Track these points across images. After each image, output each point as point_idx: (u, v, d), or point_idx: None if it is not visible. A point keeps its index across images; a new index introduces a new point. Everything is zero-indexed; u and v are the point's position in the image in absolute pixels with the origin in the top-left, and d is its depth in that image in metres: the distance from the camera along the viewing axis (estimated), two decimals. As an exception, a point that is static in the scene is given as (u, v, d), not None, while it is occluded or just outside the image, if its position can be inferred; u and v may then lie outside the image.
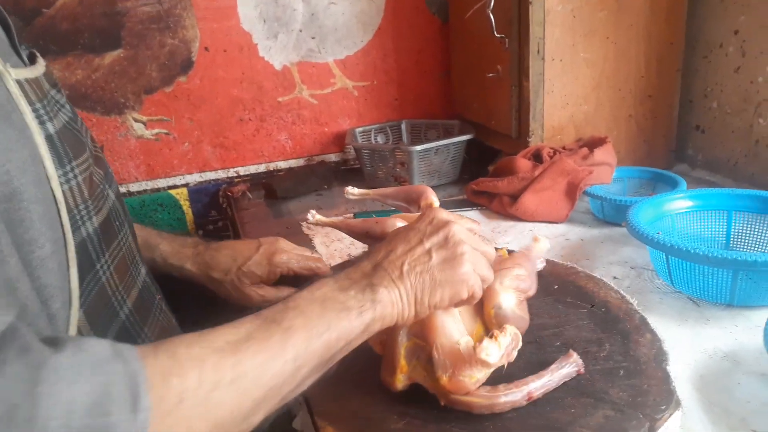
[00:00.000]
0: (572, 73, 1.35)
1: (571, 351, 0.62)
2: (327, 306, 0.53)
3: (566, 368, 0.61)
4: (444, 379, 0.57)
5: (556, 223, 1.25)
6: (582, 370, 0.61)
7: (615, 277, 1.00)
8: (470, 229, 0.62)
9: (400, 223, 0.75)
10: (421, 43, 1.71)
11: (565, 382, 0.61)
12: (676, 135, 1.49)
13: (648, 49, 1.38)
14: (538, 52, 1.30)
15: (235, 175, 1.68)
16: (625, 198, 1.16)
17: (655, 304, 0.92)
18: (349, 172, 1.70)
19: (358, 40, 1.66)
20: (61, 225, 0.53)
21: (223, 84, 1.59)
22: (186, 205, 1.66)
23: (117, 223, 0.68)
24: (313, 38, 1.62)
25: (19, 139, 0.49)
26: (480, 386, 0.58)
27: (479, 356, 0.54)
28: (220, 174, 1.67)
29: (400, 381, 0.61)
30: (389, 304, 0.55)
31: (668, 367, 0.62)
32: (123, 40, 1.49)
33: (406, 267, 0.56)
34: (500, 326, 0.57)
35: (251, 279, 0.87)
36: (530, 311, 0.75)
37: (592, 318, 0.72)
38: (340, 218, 0.91)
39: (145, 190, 1.62)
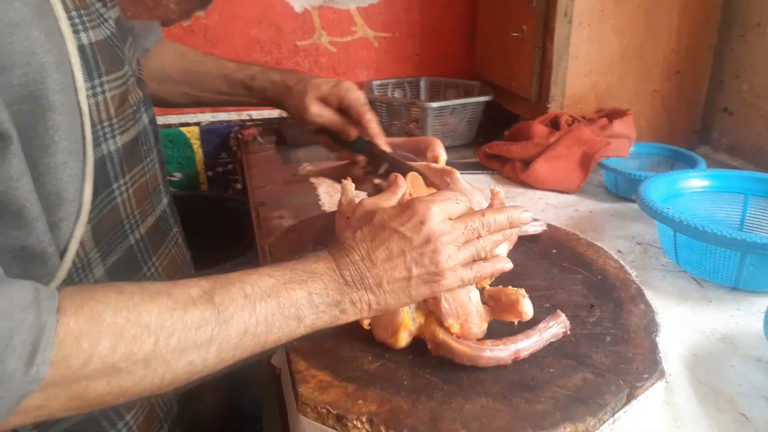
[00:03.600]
0: (599, 40, 1.30)
1: (558, 311, 0.60)
2: (282, 308, 0.50)
3: (553, 328, 0.59)
4: (456, 327, 0.57)
5: (568, 193, 1.21)
6: (568, 331, 0.59)
7: (619, 251, 0.98)
8: (463, 216, 0.57)
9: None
10: (447, -1, 1.66)
11: (549, 343, 0.59)
12: (701, 115, 1.44)
13: (681, 23, 1.32)
14: (566, 14, 1.25)
15: (248, 118, 1.65)
16: (640, 173, 1.12)
17: (656, 281, 0.89)
18: (362, 125, 1.67)
19: (383, -11, 1.61)
20: (83, 137, 0.53)
21: (241, 22, 1.55)
22: (197, 144, 1.65)
23: (145, 147, 0.68)
24: (336, -18, 1.58)
25: (45, 44, 0.48)
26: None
27: (521, 310, 0.57)
28: (233, 116, 1.64)
29: (403, 339, 0.59)
30: (352, 315, 0.54)
31: (657, 338, 0.60)
32: (143, -32, 1.46)
33: (386, 284, 0.53)
34: None
35: (316, 92, 0.86)
36: (523, 272, 0.73)
37: (586, 284, 0.70)
38: (329, 165, 0.90)
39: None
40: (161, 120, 1.60)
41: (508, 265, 0.59)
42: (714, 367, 0.70)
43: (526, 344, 0.56)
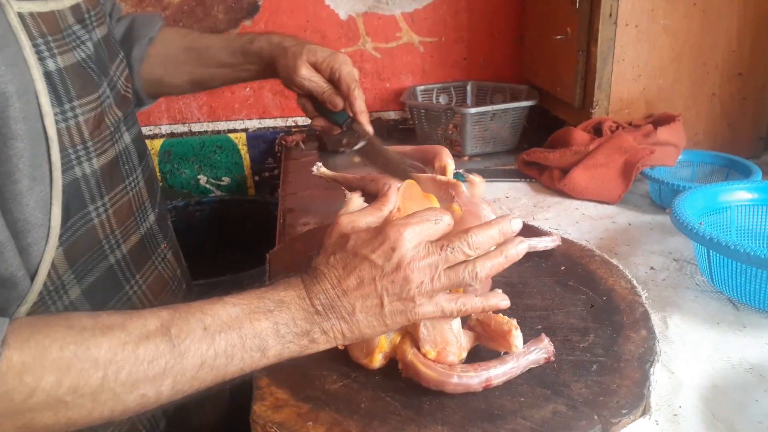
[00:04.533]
0: (648, 42, 1.22)
1: (542, 335, 0.56)
2: (243, 339, 0.49)
3: (534, 354, 0.55)
4: (432, 354, 0.55)
5: (607, 203, 1.15)
6: (552, 357, 0.55)
7: (652, 268, 0.91)
8: (443, 238, 0.53)
9: (394, 183, 0.71)
10: (495, 2, 1.61)
11: (529, 369, 0.55)
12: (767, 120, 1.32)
13: (742, 21, 1.22)
14: (611, 15, 1.18)
15: (293, 124, 1.67)
16: (685, 183, 1.04)
17: (687, 302, 0.82)
18: (405, 132, 1.65)
19: (429, -7, 1.59)
20: (49, 163, 0.53)
21: (287, 30, 1.57)
22: (244, 150, 1.68)
23: (127, 167, 0.68)
24: (381, -12, 1.57)
25: (5, 74, 0.49)
26: (438, 364, 0.55)
27: (511, 342, 0.54)
28: (279, 122, 1.67)
29: (377, 361, 0.58)
30: (324, 343, 0.52)
31: (652, 369, 0.55)
32: (192, -20, 1.50)
33: (358, 314, 0.52)
34: None
35: (310, 57, 0.86)
36: (523, 290, 0.70)
37: (587, 305, 0.65)
38: (342, 173, 0.88)
39: (205, 131, 1.65)
40: (210, 127, 1.65)
41: (504, 303, 0.54)
42: (734, 401, 0.64)
43: (500, 371, 0.53)
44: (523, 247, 0.53)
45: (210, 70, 0.94)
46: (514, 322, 0.55)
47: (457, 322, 0.56)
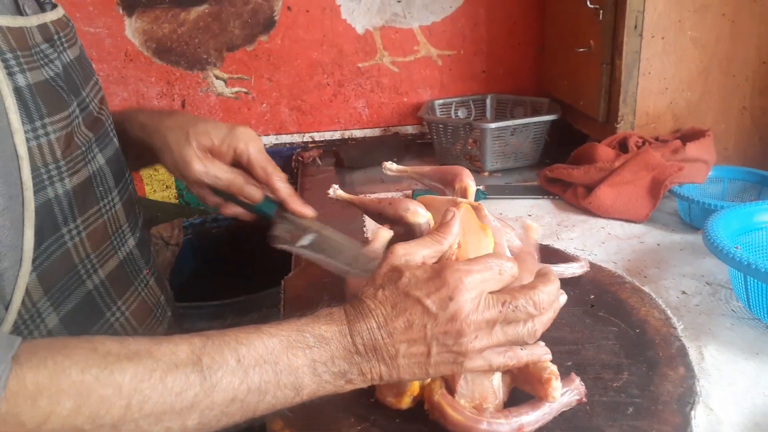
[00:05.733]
0: (675, 54, 1.18)
1: (573, 374, 0.53)
2: (278, 375, 0.46)
3: (565, 397, 0.52)
4: (467, 407, 0.52)
5: (634, 222, 1.11)
6: (584, 398, 0.52)
7: (684, 292, 0.87)
8: (506, 291, 0.50)
9: (412, 207, 0.68)
10: (515, 13, 1.58)
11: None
12: (801, 134, 1.27)
13: (774, 31, 1.18)
14: (636, 27, 1.15)
15: (310, 140, 1.65)
16: (716, 201, 1.00)
17: (723, 330, 0.78)
18: (423, 147, 1.62)
19: (447, 6, 1.56)
20: (21, 182, 0.51)
21: (304, 45, 1.56)
22: (260, 166, 1.66)
23: (101, 188, 0.65)
24: (398, 1, 1.54)
25: None
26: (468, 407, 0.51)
27: (549, 393, 0.49)
28: (296, 138, 1.65)
29: (407, 402, 0.55)
30: (359, 383, 0.49)
31: (692, 413, 0.51)
32: (208, -4, 1.49)
33: (401, 359, 0.48)
34: None
35: (201, 142, 0.69)
36: (552, 322, 0.66)
37: (620, 339, 0.62)
38: (360, 196, 0.84)
39: (222, 147, 1.64)
40: (227, 142, 1.63)
41: (547, 357, 0.51)
42: (779, 442, 0.60)
43: (533, 419, 0.50)
44: (564, 299, 0.51)
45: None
46: (555, 369, 0.51)
47: (498, 376, 0.53)
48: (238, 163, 0.71)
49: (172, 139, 0.69)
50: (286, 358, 0.46)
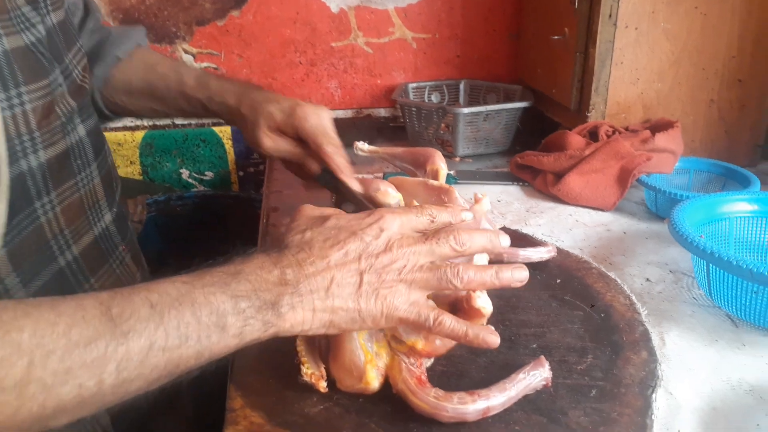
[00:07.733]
0: (648, 45, 1.19)
1: (542, 358, 0.53)
2: (197, 316, 0.43)
3: (534, 379, 0.51)
4: (420, 344, 0.52)
5: (601, 210, 1.12)
6: (549, 383, 0.52)
7: (648, 279, 0.88)
8: (432, 231, 0.52)
9: (383, 187, 0.68)
10: (491, -1, 1.57)
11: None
12: (766, 129, 1.30)
13: (744, 26, 1.19)
14: (610, 16, 1.15)
15: (281, 119, 1.63)
16: (681, 192, 1.01)
17: (684, 317, 0.79)
18: (396, 130, 1.61)
19: (423, -12, 1.55)
20: None
21: (276, 22, 1.52)
22: (228, 144, 1.63)
23: (79, 162, 0.63)
24: (374, -19, 1.52)
25: None
26: (433, 390, 0.51)
27: (475, 305, 0.51)
28: (266, 116, 1.62)
29: (373, 378, 0.53)
30: (291, 322, 0.47)
31: (654, 396, 0.51)
32: (179, -33, 1.45)
33: (334, 288, 0.48)
34: None
35: (269, 122, 0.77)
36: (517, 304, 0.66)
37: (585, 323, 0.62)
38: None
39: (189, 124, 1.60)
40: (193, 119, 1.60)
41: (491, 339, 0.50)
42: (735, 426, 0.61)
43: (499, 401, 0.49)
44: (520, 275, 0.51)
45: (172, 111, 0.88)
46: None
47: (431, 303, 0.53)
48: (300, 138, 0.77)
49: (249, 123, 0.78)
50: (203, 297, 0.44)
